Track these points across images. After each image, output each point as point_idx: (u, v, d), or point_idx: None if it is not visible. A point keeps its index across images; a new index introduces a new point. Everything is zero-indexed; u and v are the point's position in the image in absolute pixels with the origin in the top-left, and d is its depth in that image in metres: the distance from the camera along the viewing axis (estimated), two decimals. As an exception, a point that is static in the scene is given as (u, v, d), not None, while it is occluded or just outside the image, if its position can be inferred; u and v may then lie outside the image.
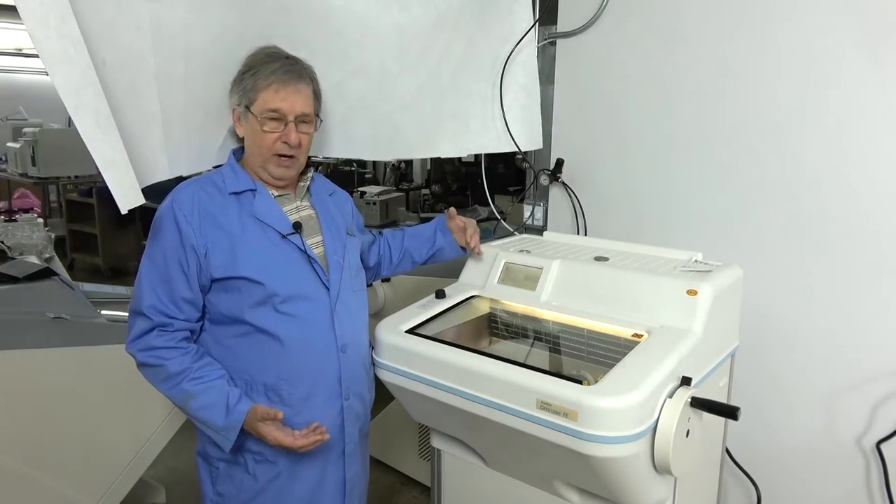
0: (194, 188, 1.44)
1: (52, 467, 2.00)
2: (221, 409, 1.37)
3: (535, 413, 1.23)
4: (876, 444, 1.76)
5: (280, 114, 1.43)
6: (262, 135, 1.44)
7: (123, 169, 1.26)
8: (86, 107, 1.19)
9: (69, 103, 1.16)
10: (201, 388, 1.37)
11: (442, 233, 1.79)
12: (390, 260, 1.79)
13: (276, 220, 1.46)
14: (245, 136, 1.48)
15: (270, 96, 1.42)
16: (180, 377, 1.37)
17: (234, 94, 1.47)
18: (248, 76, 1.44)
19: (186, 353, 1.39)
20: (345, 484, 1.56)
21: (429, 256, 1.81)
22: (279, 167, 1.47)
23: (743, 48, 1.85)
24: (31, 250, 2.66)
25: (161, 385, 1.40)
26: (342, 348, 1.48)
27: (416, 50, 1.93)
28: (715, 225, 1.97)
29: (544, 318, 1.61)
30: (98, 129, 1.21)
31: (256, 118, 1.43)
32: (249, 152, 1.49)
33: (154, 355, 1.38)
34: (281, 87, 1.43)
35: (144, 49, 1.44)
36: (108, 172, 1.22)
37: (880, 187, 1.69)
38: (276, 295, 1.41)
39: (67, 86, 1.16)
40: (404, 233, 1.82)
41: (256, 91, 1.42)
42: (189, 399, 1.38)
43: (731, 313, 1.58)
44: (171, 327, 1.39)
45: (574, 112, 2.22)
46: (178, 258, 1.38)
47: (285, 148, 1.45)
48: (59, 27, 1.15)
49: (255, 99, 1.42)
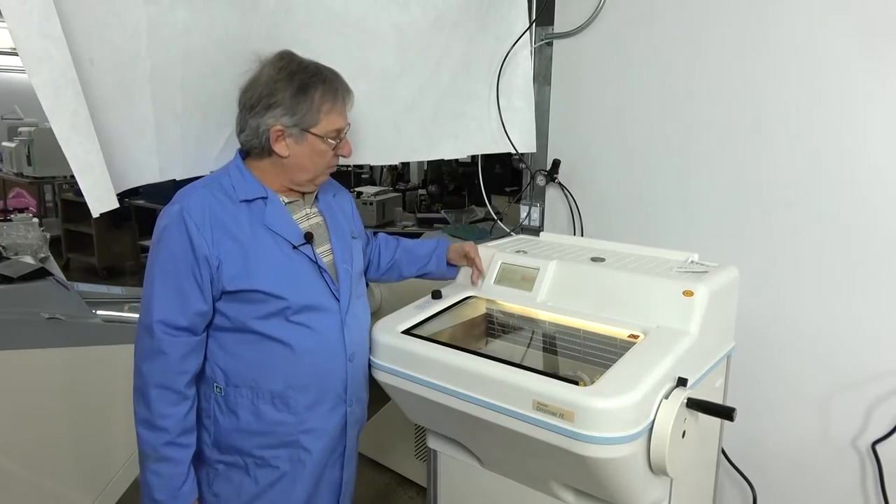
0: (203, 194, 1.38)
1: (48, 467, 1.99)
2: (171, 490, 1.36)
3: (531, 414, 1.23)
4: (871, 444, 1.77)
5: (342, 131, 1.45)
6: (325, 154, 1.43)
7: (98, 173, 1.25)
8: (63, 108, 1.18)
9: (46, 104, 1.15)
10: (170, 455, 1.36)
11: (437, 259, 1.77)
12: (378, 266, 1.77)
13: (288, 231, 1.42)
14: (294, 155, 1.40)
15: (336, 117, 1.42)
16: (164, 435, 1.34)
17: (277, 116, 1.37)
18: (304, 98, 1.37)
19: (181, 409, 1.36)
20: (341, 484, 1.56)
21: (418, 275, 1.80)
22: (327, 176, 1.51)
23: (739, 49, 1.85)
24: (26, 250, 2.66)
25: (139, 417, 1.37)
26: (350, 357, 1.47)
27: (416, 51, 1.93)
28: (711, 226, 1.97)
29: (541, 318, 1.61)
30: (73, 132, 1.20)
31: (321, 139, 1.41)
32: (296, 169, 1.43)
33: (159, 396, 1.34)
34: (342, 108, 1.44)
35: (139, 51, 1.43)
36: (81, 176, 1.22)
37: (877, 190, 1.69)
38: (289, 307, 1.39)
39: (45, 86, 1.15)
40: (399, 243, 1.80)
41: (321, 113, 1.39)
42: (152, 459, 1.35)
43: (727, 314, 1.58)
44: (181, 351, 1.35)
45: (571, 113, 2.22)
46: (191, 270, 1.32)
47: (338, 160, 1.47)
48: (40, 25, 1.14)
49: (318, 121, 1.39)
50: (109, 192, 1.28)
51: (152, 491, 1.36)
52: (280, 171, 1.44)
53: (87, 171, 1.23)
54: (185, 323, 1.34)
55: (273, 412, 1.42)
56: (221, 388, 1.42)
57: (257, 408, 1.41)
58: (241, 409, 1.41)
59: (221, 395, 1.42)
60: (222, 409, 1.42)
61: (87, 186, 1.23)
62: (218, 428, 1.42)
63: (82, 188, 1.22)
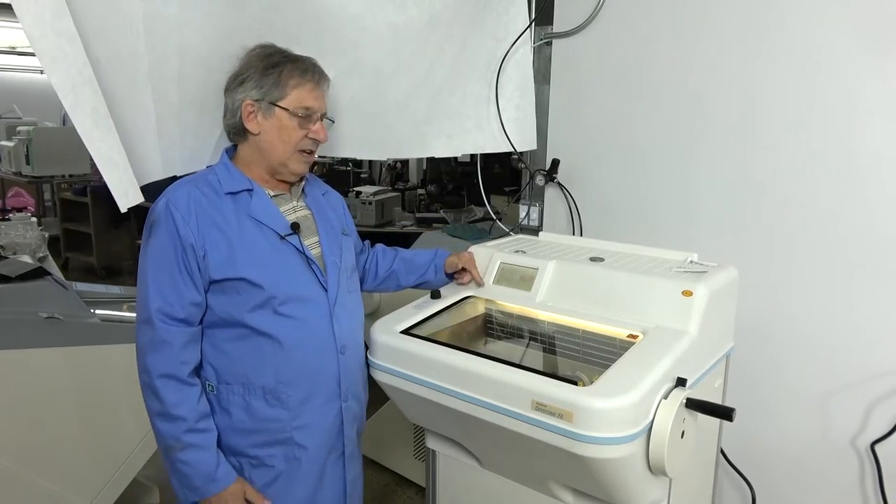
0: (188, 187, 1.40)
1: (45, 467, 1.99)
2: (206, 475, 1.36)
3: (530, 414, 1.23)
4: (870, 444, 1.76)
5: (311, 111, 1.44)
6: (291, 129, 1.43)
7: (122, 167, 1.26)
8: (83, 105, 1.19)
9: (66, 101, 1.16)
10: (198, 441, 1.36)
11: (436, 269, 1.77)
12: (375, 275, 1.77)
13: (273, 221, 1.44)
14: (263, 131, 1.43)
15: (305, 94, 1.43)
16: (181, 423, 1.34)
17: (247, 90, 1.41)
18: (272, 72, 1.41)
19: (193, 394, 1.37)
20: (345, 486, 1.56)
21: (415, 284, 1.80)
22: (302, 163, 1.48)
23: (738, 48, 1.85)
24: (24, 249, 2.66)
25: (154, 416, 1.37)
26: (341, 349, 1.47)
27: (411, 50, 1.93)
28: (710, 225, 1.97)
29: (540, 318, 1.60)
30: (95, 128, 1.21)
31: (288, 112, 1.42)
32: (267, 148, 1.44)
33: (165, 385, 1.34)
34: (315, 86, 1.45)
35: (138, 47, 1.44)
36: (107, 171, 1.22)
37: (877, 190, 1.69)
38: (276, 297, 1.39)
39: (64, 84, 1.16)
40: (397, 253, 1.80)
41: (287, 87, 1.41)
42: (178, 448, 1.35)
43: (726, 314, 1.58)
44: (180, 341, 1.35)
45: (570, 112, 2.22)
46: (181, 260, 1.34)
47: (312, 144, 1.47)
48: (53, 24, 1.15)
49: (285, 94, 1.41)
50: (134, 186, 1.29)
51: (188, 480, 1.36)
52: (258, 156, 1.46)
53: (111, 165, 1.23)
54: (182, 314, 1.35)
55: (265, 408, 1.41)
56: (213, 387, 1.42)
57: (249, 404, 1.41)
58: (233, 407, 1.41)
59: (214, 393, 1.42)
60: (215, 408, 1.42)
61: (112, 181, 1.23)
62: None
63: (108, 182, 1.23)
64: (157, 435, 1.37)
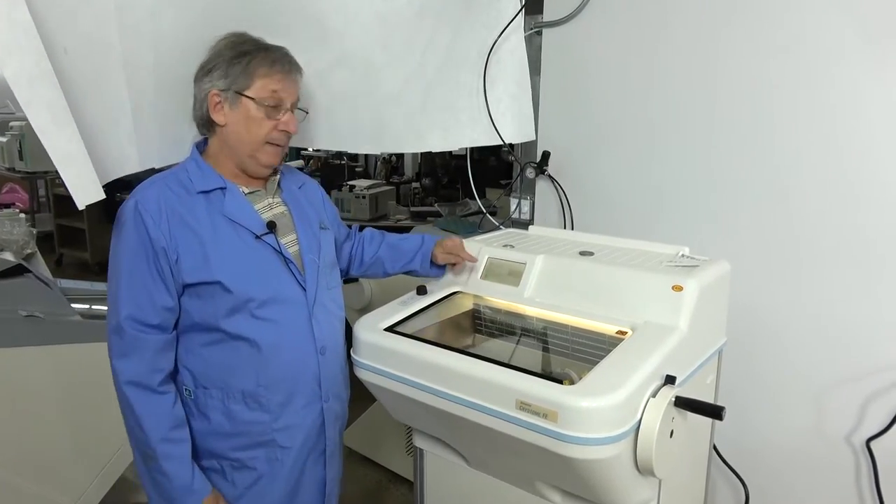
0: (159, 187, 1.35)
1: (28, 467, 1.96)
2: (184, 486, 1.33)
3: (514, 414, 1.19)
4: (865, 441, 1.74)
5: (279, 100, 1.38)
6: (259, 121, 1.37)
7: (81, 162, 1.22)
8: (39, 99, 1.15)
9: (21, 96, 1.12)
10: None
11: (422, 258, 1.71)
12: (361, 261, 1.72)
13: (248, 220, 1.39)
14: (230, 123, 1.37)
15: (273, 83, 1.37)
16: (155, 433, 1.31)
17: (213, 80, 1.36)
18: (240, 61, 1.35)
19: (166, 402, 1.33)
20: (325, 485, 1.53)
21: (402, 272, 1.75)
22: (271, 156, 1.42)
23: (732, 40, 1.81)
24: (10, 246, 2.61)
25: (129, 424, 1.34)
26: (321, 350, 1.44)
27: (400, 40, 1.89)
28: (702, 219, 1.93)
29: (528, 314, 1.57)
30: (53, 123, 1.17)
31: (254, 102, 1.36)
32: (234, 140, 1.38)
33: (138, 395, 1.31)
34: (284, 76, 1.39)
35: (110, 37, 1.39)
36: (64, 167, 1.18)
37: (870, 183, 1.66)
38: (253, 300, 1.34)
39: (19, 77, 1.11)
40: (384, 238, 1.75)
41: (254, 76, 1.35)
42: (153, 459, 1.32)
43: (718, 309, 1.55)
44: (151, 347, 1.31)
45: (561, 104, 2.17)
46: (153, 264, 1.29)
47: (281, 136, 1.41)
48: (8, 14, 1.10)
49: (251, 84, 1.35)
50: (94, 183, 1.25)
51: (164, 492, 1.33)
52: (226, 150, 1.41)
53: (68, 161, 1.19)
54: (156, 320, 1.31)
55: (245, 412, 1.38)
56: (191, 391, 1.38)
57: (229, 409, 1.38)
58: (211, 412, 1.38)
59: (191, 398, 1.38)
60: (193, 413, 1.38)
61: (70, 177, 1.19)
62: (191, 433, 1.38)
63: (65, 180, 1.19)
64: (132, 445, 1.34)
